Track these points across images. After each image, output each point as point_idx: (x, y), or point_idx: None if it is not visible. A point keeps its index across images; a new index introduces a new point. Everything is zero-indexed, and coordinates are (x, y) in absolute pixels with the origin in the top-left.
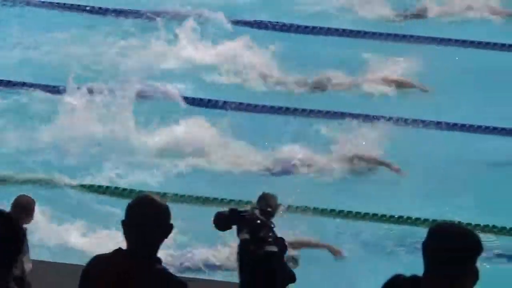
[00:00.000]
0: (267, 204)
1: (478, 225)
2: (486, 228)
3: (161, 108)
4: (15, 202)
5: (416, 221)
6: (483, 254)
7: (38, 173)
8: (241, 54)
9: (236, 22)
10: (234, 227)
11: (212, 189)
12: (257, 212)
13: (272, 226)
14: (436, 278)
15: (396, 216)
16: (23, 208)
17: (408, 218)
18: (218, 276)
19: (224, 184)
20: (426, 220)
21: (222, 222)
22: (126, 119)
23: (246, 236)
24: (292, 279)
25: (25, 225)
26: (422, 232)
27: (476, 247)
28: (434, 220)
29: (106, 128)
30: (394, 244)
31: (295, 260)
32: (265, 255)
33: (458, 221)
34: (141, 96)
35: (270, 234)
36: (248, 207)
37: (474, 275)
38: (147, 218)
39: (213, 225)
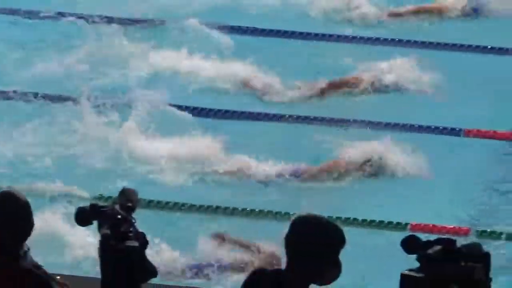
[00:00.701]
0: (127, 199)
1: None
2: None
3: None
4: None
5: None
6: None
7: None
8: (228, 61)
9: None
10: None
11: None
12: (117, 207)
13: (133, 221)
14: (298, 271)
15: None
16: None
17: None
18: None
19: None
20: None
21: (82, 217)
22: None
23: (107, 231)
24: (154, 273)
25: None
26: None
27: (338, 240)
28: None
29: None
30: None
31: None
32: (126, 250)
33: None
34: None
35: (131, 229)
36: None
37: (336, 267)
38: (4, 214)
39: (74, 220)
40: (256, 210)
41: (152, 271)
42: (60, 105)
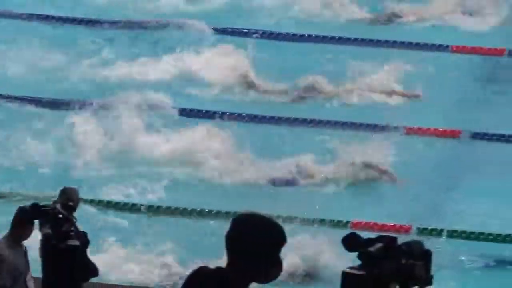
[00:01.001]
0: (68, 198)
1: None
2: None
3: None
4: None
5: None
6: None
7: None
8: (221, 63)
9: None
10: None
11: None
12: (58, 206)
13: (74, 220)
14: (240, 270)
15: None
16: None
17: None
18: None
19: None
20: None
21: (24, 217)
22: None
23: (48, 230)
24: (94, 272)
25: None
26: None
27: (280, 238)
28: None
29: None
30: None
31: None
32: (67, 249)
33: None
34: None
35: (72, 229)
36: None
37: (277, 266)
38: None
39: (15, 220)
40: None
41: (93, 270)
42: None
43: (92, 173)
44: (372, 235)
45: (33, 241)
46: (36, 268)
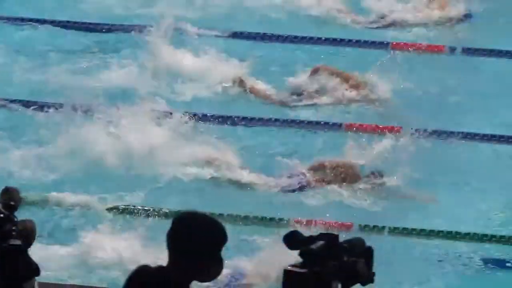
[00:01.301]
0: (10, 197)
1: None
2: None
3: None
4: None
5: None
6: None
7: None
8: (216, 66)
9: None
10: None
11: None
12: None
13: (16, 220)
14: (181, 269)
15: None
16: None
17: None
18: None
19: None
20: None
21: None
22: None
23: None
24: (36, 272)
25: None
26: None
27: (220, 237)
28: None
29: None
30: None
31: None
32: (8, 248)
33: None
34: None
35: (14, 228)
36: None
37: (218, 265)
38: None
39: None
40: None
41: (35, 269)
42: None
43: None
44: (314, 232)
45: None
46: None
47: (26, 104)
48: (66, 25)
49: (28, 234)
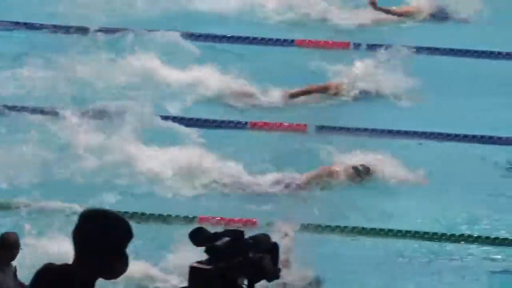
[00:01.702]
0: None
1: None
2: None
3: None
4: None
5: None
6: None
7: None
8: (210, 74)
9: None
10: None
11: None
12: None
13: None
14: (86, 266)
15: None
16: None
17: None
18: None
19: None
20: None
21: None
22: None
23: None
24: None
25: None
26: None
27: (125, 234)
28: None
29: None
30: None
31: None
32: None
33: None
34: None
35: None
36: None
37: (123, 262)
38: None
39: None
40: None
41: None
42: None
43: None
44: (219, 229)
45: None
46: None
47: None
48: None
49: None
